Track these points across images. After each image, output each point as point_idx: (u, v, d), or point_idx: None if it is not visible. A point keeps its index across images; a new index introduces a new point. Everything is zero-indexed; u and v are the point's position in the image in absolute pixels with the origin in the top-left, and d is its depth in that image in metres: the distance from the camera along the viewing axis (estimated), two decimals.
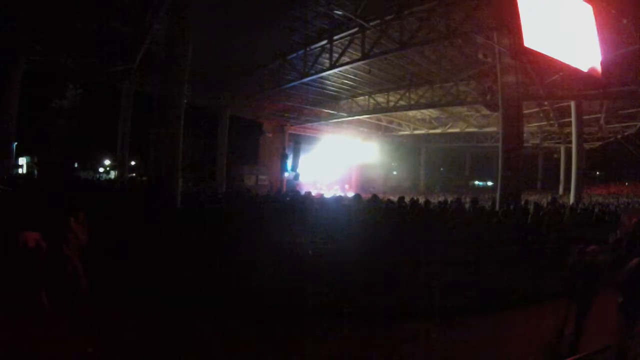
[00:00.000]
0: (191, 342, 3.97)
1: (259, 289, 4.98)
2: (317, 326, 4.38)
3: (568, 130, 18.52)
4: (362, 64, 13.19)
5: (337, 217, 6.69)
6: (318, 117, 23.06)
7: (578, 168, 15.95)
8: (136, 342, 3.85)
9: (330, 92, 18.94)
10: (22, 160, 19.87)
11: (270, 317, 4.57)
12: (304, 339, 4.20)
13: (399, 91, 18.42)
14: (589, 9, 8.92)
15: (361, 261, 5.30)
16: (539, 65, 11.19)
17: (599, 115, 18.97)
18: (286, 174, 21.98)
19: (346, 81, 17.38)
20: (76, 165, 21.72)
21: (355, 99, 20.14)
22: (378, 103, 19.89)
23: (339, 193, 21.68)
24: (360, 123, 25.93)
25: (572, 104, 15.50)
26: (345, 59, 12.79)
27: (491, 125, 21.89)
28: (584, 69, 9.11)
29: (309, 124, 24.44)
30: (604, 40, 9.11)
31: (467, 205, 9.09)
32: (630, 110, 17.99)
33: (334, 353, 4.06)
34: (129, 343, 3.83)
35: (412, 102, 18.67)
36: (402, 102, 18.96)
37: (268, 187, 20.18)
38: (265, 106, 21.12)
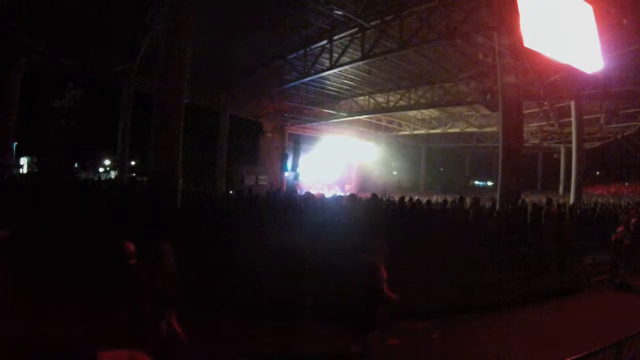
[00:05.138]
0: (189, 339, 3.96)
1: (259, 288, 4.98)
2: (316, 325, 4.38)
3: (568, 130, 18.50)
4: (362, 64, 13.17)
5: (336, 216, 6.69)
6: (318, 117, 23.04)
7: (578, 168, 15.92)
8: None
9: (330, 92, 18.95)
10: (23, 160, 19.87)
11: (269, 317, 4.57)
12: (303, 337, 4.19)
13: (399, 91, 18.42)
14: (589, 9, 8.93)
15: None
16: (539, 65, 11.21)
17: (599, 115, 18.98)
18: (286, 174, 21.98)
19: (346, 81, 17.37)
20: (76, 165, 21.72)
21: (355, 99, 20.13)
22: (378, 103, 19.88)
23: (339, 193, 21.68)
24: (360, 123, 25.91)
25: (572, 104, 15.49)
26: (345, 59, 12.79)
27: (491, 125, 21.89)
28: (584, 69, 9.13)
29: (309, 124, 24.40)
30: (604, 40, 9.12)
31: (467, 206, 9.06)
32: (630, 110, 18.00)
33: (331, 352, 4.07)
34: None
35: (412, 102, 18.66)
36: (402, 102, 18.96)
37: (268, 187, 20.15)
38: (265, 106, 21.10)
